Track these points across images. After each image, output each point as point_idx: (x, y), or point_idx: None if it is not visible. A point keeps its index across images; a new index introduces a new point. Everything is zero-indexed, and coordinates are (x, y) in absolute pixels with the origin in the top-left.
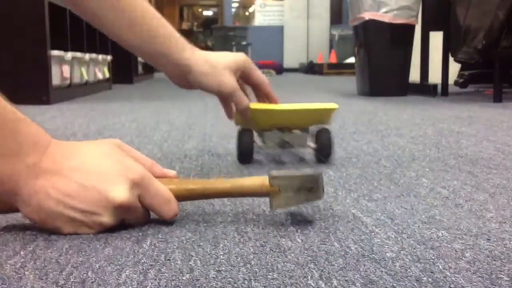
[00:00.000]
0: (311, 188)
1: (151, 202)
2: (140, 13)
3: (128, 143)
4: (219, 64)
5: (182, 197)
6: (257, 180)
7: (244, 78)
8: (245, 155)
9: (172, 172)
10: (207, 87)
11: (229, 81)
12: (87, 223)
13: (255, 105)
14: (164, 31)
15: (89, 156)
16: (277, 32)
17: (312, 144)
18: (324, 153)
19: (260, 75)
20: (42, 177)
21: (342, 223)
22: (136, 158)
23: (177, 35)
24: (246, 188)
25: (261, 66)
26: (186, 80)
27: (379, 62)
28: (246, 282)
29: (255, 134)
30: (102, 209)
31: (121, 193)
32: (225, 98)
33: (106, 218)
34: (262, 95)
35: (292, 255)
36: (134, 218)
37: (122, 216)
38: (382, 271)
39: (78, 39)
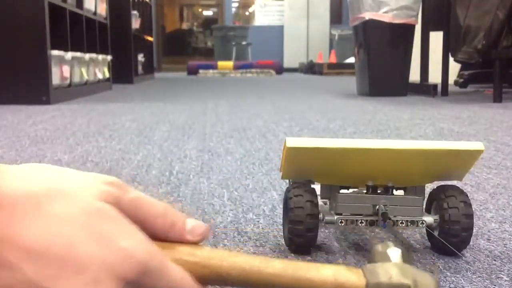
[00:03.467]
0: None
1: None
2: None
3: (128, 143)
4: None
5: (207, 280)
6: (332, 275)
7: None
8: (303, 235)
9: (199, 229)
10: None
11: None
12: None
13: (318, 141)
14: None
15: (57, 230)
16: (277, 32)
17: (429, 218)
18: (454, 237)
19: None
20: None
21: None
22: (142, 215)
23: None
24: (313, 285)
25: (261, 66)
26: None
27: (379, 62)
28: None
29: (317, 195)
30: None
31: None
32: None
33: None
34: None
35: (292, 255)
36: None
37: None
38: None
39: (78, 39)
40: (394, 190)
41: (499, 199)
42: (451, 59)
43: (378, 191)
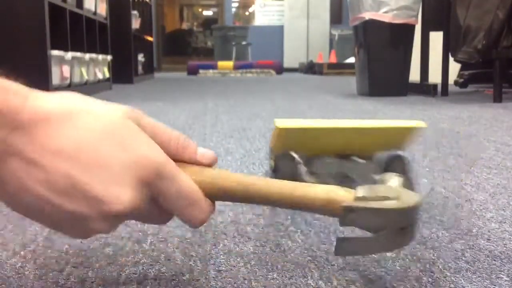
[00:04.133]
0: (404, 228)
1: (171, 205)
2: None
3: None
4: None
5: (215, 195)
6: (324, 192)
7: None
8: None
9: (208, 156)
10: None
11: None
12: (76, 228)
13: (299, 122)
14: None
15: (87, 137)
16: (277, 32)
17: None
18: None
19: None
20: (14, 161)
21: None
22: (158, 137)
23: None
24: (307, 201)
25: (261, 66)
26: None
27: (379, 62)
28: (246, 282)
29: (298, 162)
30: (97, 215)
31: (121, 199)
32: None
33: (99, 225)
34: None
35: (292, 255)
36: (145, 221)
37: (124, 221)
38: (382, 271)
39: (78, 39)
40: (355, 158)
41: (499, 199)
42: (451, 59)
43: (343, 159)
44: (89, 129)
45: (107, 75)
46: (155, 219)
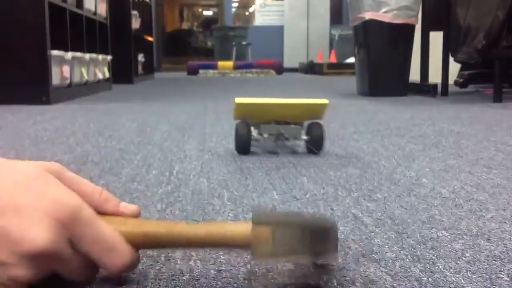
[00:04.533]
0: (318, 243)
1: (88, 249)
2: None
3: (128, 143)
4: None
5: (138, 243)
6: (242, 226)
7: None
8: (243, 145)
9: (131, 208)
10: None
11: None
12: None
13: (251, 99)
14: None
15: (3, 184)
16: (277, 32)
17: (305, 137)
18: (315, 145)
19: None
20: None
21: (342, 223)
22: (80, 190)
23: None
24: (226, 237)
25: (261, 66)
26: None
27: (379, 62)
28: (246, 282)
29: (252, 127)
30: (15, 259)
31: (39, 237)
32: None
33: (21, 271)
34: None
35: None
36: (67, 270)
37: (45, 267)
38: (382, 271)
39: (78, 39)
40: (289, 124)
41: (499, 199)
42: (451, 59)
43: (281, 124)
44: (6, 178)
45: (107, 75)
46: (79, 268)
